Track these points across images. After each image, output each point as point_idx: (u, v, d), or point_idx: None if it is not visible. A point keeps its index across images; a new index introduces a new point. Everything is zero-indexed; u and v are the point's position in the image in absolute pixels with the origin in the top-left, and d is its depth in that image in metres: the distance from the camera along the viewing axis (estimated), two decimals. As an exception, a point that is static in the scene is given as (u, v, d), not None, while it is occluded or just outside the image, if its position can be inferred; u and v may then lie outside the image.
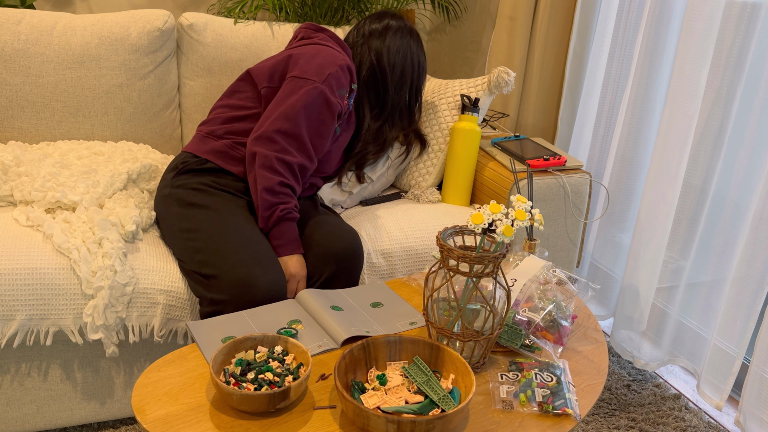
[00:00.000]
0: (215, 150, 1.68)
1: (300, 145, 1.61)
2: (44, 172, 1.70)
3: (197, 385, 1.15)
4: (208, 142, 1.70)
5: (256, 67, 1.76)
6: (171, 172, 1.69)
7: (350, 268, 1.61)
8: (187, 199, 1.61)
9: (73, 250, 1.48)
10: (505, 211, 1.16)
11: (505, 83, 1.96)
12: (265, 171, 1.57)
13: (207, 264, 1.49)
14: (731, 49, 1.72)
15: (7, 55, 1.94)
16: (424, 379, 1.12)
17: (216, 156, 1.68)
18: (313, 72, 1.65)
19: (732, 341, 1.74)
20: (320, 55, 1.69)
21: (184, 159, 1.70)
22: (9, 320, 1.44)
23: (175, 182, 1.65)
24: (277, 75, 1.71)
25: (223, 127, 1.71)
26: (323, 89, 1.63)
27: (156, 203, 1.69)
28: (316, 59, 1.67)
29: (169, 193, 1.64)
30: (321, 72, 1.65)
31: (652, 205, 1.89)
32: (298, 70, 1.66)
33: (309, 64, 1.67)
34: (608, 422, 1.80)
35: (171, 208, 1.62)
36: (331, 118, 1.66)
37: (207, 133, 1.73)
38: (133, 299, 1.50)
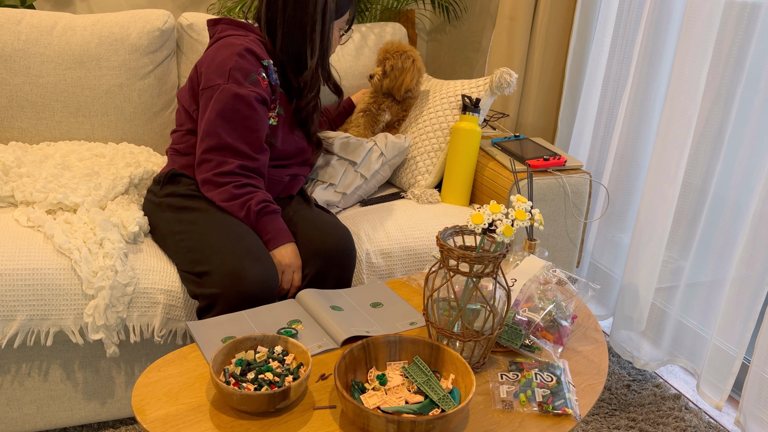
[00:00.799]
0: (187, 165, 1.70)
1: (231, 151, 1.58)
2: (46, 173, 1.70)
3: (197, 385, 1.15)
4: (177, 160, 1.72)
5: (181, 91, 1.75)
6: (156, 185, 1.71)
7: (341, 266, 1.60)
8: (178, 203, 1.62)
9: (74, 251, 1.48)
10: (505, 211, 1.16)
11: (507, 84, 1.96)
12: (214, 190, 1.57)
13: (199, 262, 1.50)
14: (731, 49, 1.72)
15: (7, 55, 1.94)
16: (424, 379, 1.12)
17: (190, 170, 1.69)
18: (215, 75, 1.60)
19: (732, 341, 1.74)
20: (219, 52, 1.63)
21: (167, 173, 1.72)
22: (10, 320, 1.44)
23: (164, 191, 1.67)
24: (192, 95, 1.70)
25: (184, 145, 1.72)
26: (229, 87, 1.58)
27: (147, 212, 1.71)
28: (216, 60, 1.62)
29: (158, 201, 1.67)
30: (222, 71, 1.59)
31: (652, 205, 1.89)
32: (204, 80, 1.63)
33: (210, 69, 1.61)
34: (608, 422, 1.80)
35: (163, 213, 1.64)
36: (250, 110, 1.59)
37: (173, 152, 1.75)
38: (134, 299, 1.50)
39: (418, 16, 3.03)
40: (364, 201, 1.95)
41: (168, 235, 1.60)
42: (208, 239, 1.52)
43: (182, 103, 1.73)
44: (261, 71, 1.64)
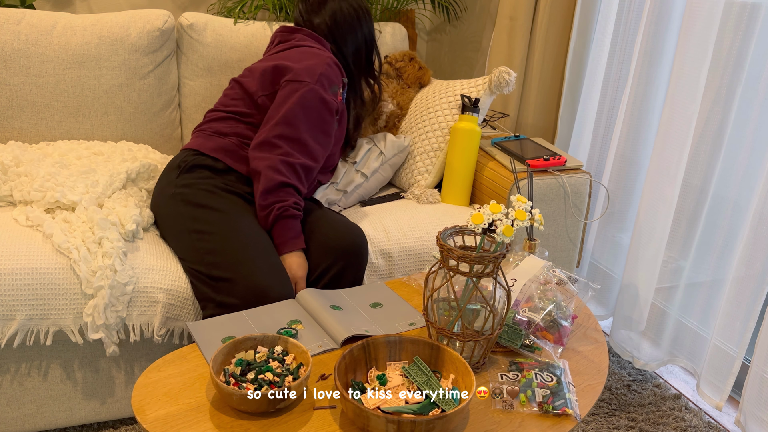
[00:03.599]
0: (223, 147, 1.68)
1: (302, 148, 1.62)
2: (43, 172, 1.70)
3: (197, 385, 1.15)
4: (213, 139, 1.70)
5: (244, 75, 1.77)
6: (173, 171, 1.67)
7: (357, 264, 1.61)
8: (196, 199, 1.60)
9: (73, 250, 1.48)
10: (505, 211, 1.16)
11: (506, 83, 1.96)
12: (269, 172, 1.58)
13: (219, 266, 1.50)
14: (731, 49, 1.72)
15: (7, 55, 1.94)
16: (424, 379, 1.12)
17: (224, 154, 1.67)
18: (305, 74, 1.66)
19: (732, 341, 1.74)
20: (306, 56, 1.71)
21: (185, 157, 1.69)
22: (9, 320, 1.44)
23: (180, 181, 1.64)
24: (268, 81, 1.72)
25: (227, 126, 1.71)
26: (317, 89, 1.64)
27: (157, 202, 1.68)
28: (305, 61, 1.69)
29: (173, 192, 1.63)
30: (312, 72, 1.66)
31: (652, 204, 1.89)
32: (291, 73, 1.67)
33: (299, 66, 1.68)
34: (608, 422, 1.80)
35: (177, 207, 1.61)
36: (330, 116, 1.67)
37: (213, 131, 1.72)
38: (134, 298, 1.50)
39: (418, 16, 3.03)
40: (364, 201, 1.95)
41: (183, 233, 1.58)
42: (232, 246, 1.51)
43: (246, 87, 1.73)
44: (340, 86, 1.73)
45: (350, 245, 1.60)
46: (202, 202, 1.59)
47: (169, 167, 1.71)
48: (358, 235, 1.62)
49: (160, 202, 1.67)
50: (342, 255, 1.59)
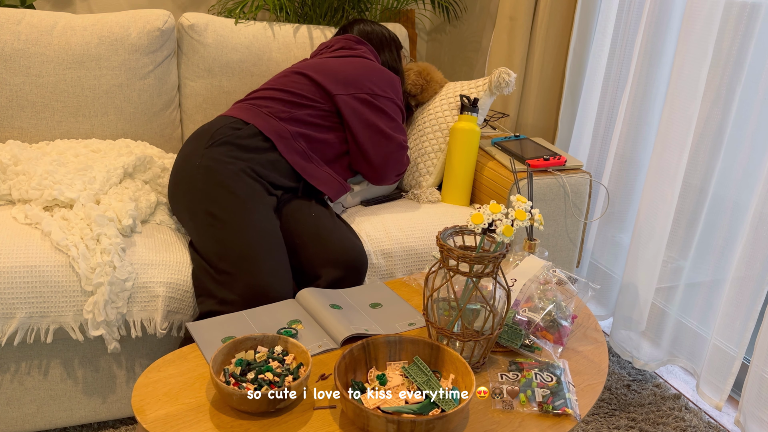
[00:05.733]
0: (277, 131, 1.69)
1: None
2: (41, 170, 1.69)
3: (197, 385, 1.15)
4: (268, 120, 1.70)
5: (313, 70, 1.82)
6: (204, 138, 1.66)
7: (354, 279, 1.63)
8: (218, 178, 1.59)
9: (72, 247, 1.48)
10: (505, 211, 1.16)
11: (506, 84, 1.96)
12: None
13: (225, 258, 1.51)
14: (731, 49, 1.72)
15: (7, 55, 1.94)
16: (424, 379, 1.12)
17: (278, 138, 1.68)
18: (389, 89, 1.85)
19: (732, 341, 1.74)
20: (377, 70, 1.87)
21: (223, 128, 1.67)
22: (9, 318, 1.44)
23: (209, 153, 1.62)
24: (350, 85, 1.80)
25: (286, 111, 1.74)
26: (400, 105, 1.88)
27: (180, 166, 1.66)
28: (377, 74, 1.86)
29: (199, 163, 1.62)
30: (394, 88, 1.87)
31: (652, 204, 1.89)
32: (377, 87, 1.83)
33: (381, 81, 1.85)
34: (608, 422, 1.80)
35: (197, 180, 1.60)
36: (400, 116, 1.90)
37: (269, 112, 1.73)
38: (134, 294, 1.50)
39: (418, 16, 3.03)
40: (365, 201, 1.95)
41: (198, 211, 1.58)
42: (241, 240, 1.52)
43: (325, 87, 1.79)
44: None
45: (352, 260, 1.61)
46: (225, 182, 1.58)
47: (200, 134, 1.69)
48: (361, 252, 1.64)
49: (184, 167, 1.65)
50: (343, 267, 1.60)
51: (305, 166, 1.74)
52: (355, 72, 1.83)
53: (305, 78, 1.81)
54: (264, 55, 2.18)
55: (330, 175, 1.78)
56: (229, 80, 2.16)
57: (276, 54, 2.19)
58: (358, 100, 1.79)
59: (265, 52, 2.18)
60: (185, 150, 1.69)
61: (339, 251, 1.61)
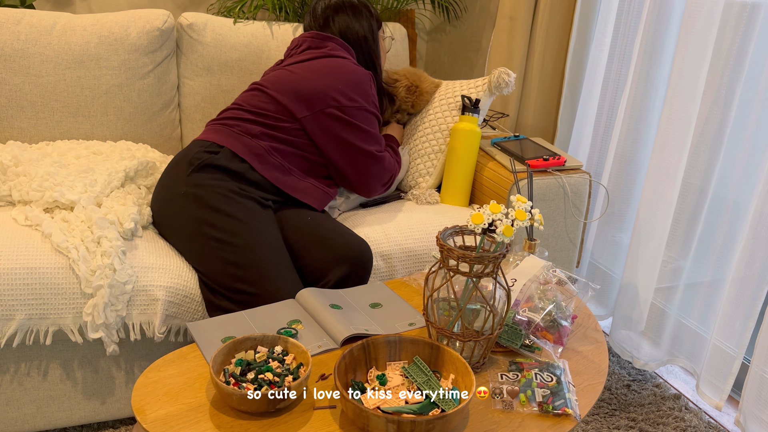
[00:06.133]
0: (251, 150, 1.66)
1: None
2: (42, 171, 1.69)
3: (197, 385, 1.15)
4: (240, 140, 1.67)
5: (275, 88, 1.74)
6: (184, 167, 1.63)
7: (361, 275, 1.62)
8: (211, 202, 1.57)
9: (72, 249, 1.48)
10: (505, 211, 1.16)
11: (505, 84, 1.95)
12: None
13: (243, 280, 1.50)
14: (730, 49, 1.72)
15: (6, 55, 1.94)
16: (424, 379, 1.12)
17: (253, 157, 1.65)
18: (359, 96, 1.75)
19: (732, 341, 1.74)
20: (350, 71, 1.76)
21: (199, 153, 1.64)
22: (8, 320, 1.44)
23: (193, 180, 1.60)
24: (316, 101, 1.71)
25: (257, 128, 1.69)
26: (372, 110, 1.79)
27: (163, 198, 1.64)
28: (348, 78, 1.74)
29: (185, 191, 1.59)
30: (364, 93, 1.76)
31: (652, 204, 1.89)
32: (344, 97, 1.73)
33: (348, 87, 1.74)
34: (608, 422, 1.80)
35: (189, 208, 1.58)
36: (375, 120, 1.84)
37: (241, 131, 1.69)
38: (133, 297, 1.50)
39: (418, 16, 3.03)
40: (363, 203, 1.95)
41: (198, 237, 1.55)
42: (258, 260, 1.51)
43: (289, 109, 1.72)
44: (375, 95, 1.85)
45: (358, 255, 1.61)
46: (218, 206, 1.56)
47: (178, 162, 1.66)
48: (366, 247, 1.64)
49: (167, 198, 1.62)
50: (350, 263, 1.60)
51: (285, 180, 1.70)
52: (319, 82, 1.73)
53: (268, 97, 1.74)
54: (263, 54, 2.18)
55: (312, 186, 1.75)
56: (227, 79, 2.16)
57: (274, 53, 2.19)
58: (326, 116, 1.71)
59: (263, 51, 2.18)
60: (165, 180, 1.66)
61: (344, 248, 1.60)
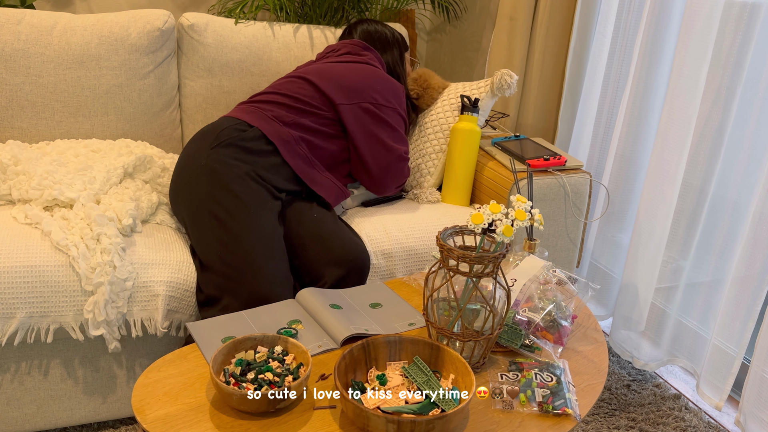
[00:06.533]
0: (280, 135, 1.69)
1: None
2: (41, 170, 1.70)
3: (197, 385, 1.15)
4: (272, 124, 1.70)
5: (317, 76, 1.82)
6: (209, 137, 1.65)
7: (357, 279, 1.63)
8: (224, 179, 1.58)
9: (72, 247, 1.48)
10: (505, 211, 1.16)
11: (507, 86, 1.96)
12: None
13: (228, 263, 1.51)
14: (730, 49, 1.72)
15: (7, 55, 1.94)
16: (424, 379, 1.12)
17: (281, 142, 1.68)
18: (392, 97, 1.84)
19: (732, 341, 1.74)
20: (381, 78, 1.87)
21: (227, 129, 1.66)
22: (9, 318, 1.44)
23: (214, 154, 1.61)
24: (354, 94, 1.79)
25: (289, 116, 1.73)
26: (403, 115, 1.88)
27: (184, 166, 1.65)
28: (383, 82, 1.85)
29: (204, 163, 1.61)
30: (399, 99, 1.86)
31: (652, 204, 1.89)
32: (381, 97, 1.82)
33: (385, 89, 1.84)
34: (608, 422, 1.80)
35: (202, 182, 1.59)
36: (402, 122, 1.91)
37: (273, 116, 1.73)
38: (134, 294, 1.50)
39: (418, 16, 3.03)
40: (365, 201, 1.95)
41: (203, 213, 1.57)
42: (244, 245, 1.52)
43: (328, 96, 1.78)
44: None
45: (354, 260, 1.62)
46: (230, 185, 1.58)
47: (205, 134, 1.68)
48: (364, 252, 1.65)
49: (187, 167, 1.64)
50: (346, 266, 1.61)
51: (307, 170, 1.74)
52: (360, 80, 1.82)
53: (309, 84, 1.81)
54: (264, 55, 2.18)
55: (331, 181, 1.79)
56: (228, 80, 2.16)
57: (276, 54, 2.20)
58: (361, 110, 1.79)
59: (264, 52, 2.18)
60: (189, 149, 1.68)
61: (341, 250, 1.61)
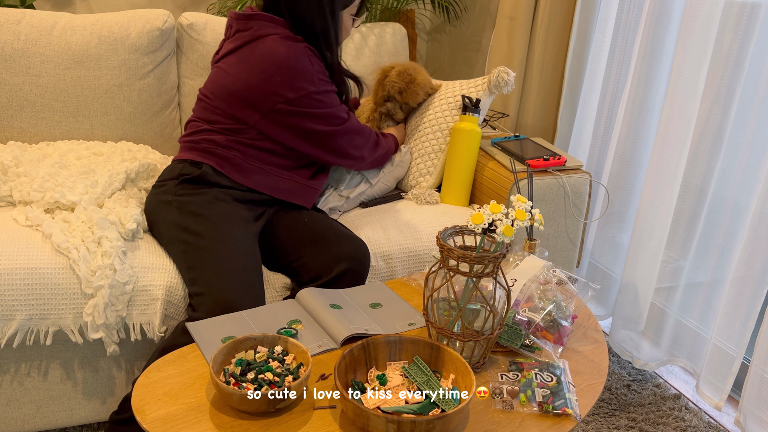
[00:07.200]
0: (228, 161, 1.65)
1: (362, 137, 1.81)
2: (43, 172, 1.70)
3: (197, 385, 1.15)
4: (213, 151, 1.66)
5: (217, 96, 1.67)
6: (173, 180, 1.65)
7: (357, 274, 1.62)
8: (191, 208, 1.59)
9: (72, 250, 1.48)
10: (505, 211, 1.16)
11: (505, 83, 1.95)
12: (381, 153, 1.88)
13: (196, 282, 1.50)
14: (730, 49, 1.72)
15: (7, 55, 1.94)
16: (424, 379, 1.12)
17: (230, 168, 1.65)
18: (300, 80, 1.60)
19: (731, 341, 1.75)
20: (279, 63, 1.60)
21: (186, 169, 1.65)
22: (9, 320, 1.44)
23: (180, 190, 1.62)
24: (261, 101, 1.62)
25: (223, 138, 1.67)
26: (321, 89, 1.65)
27: (151, 206, 1.67)
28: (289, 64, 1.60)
29: (170, 199, 1.62)
30: (305, 75, 1.61)
31: (652, 204, 1.89)
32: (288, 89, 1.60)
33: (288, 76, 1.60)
34: (608, 422, 1.80)
35: (171, 214, 1.60)
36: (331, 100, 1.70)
37: (211, 143, 1.67)
38: (134, 297, 1.50)
39: (418, 16, 3.03)
40: (363, 203, 1.95)
41: (172, 241, 1.58)
42: (212, 259, 1.51)
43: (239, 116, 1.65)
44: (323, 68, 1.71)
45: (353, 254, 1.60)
46: (198, 210, 1.58)
47: (166, 175, 1.68)
48: (362, 245, 1.64)
49: (155, 207, 1.65)
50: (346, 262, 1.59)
51: (267, 182, 1.68)
52: (257, 81, 1.61)
53: (215, 108, 1.67)
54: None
55: (295, 182, 1.73)
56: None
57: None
58: (276, 113, 1.63)
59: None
60: (155, 191, 1.68)
61: (339, 245, 1.60)
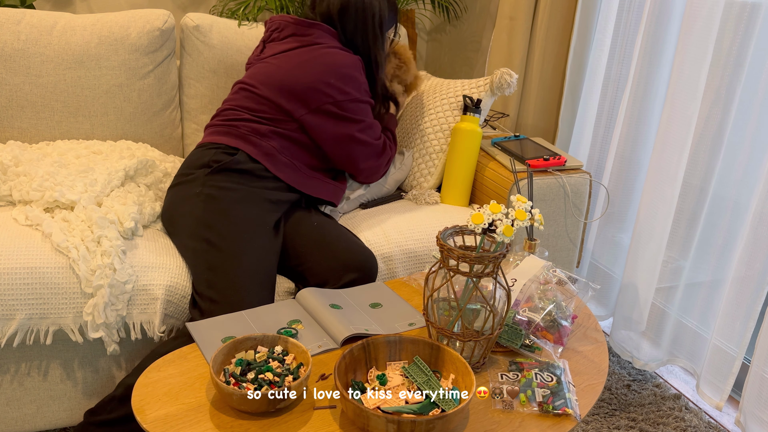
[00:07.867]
0: (263, 151, 1.66)
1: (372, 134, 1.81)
2: (42, 171, 1.70)
3: (197, 385, 1.15)
4: (251, 140, 1.66)
5: (265, 86, 1.70)
6: (202, 168, 1.63)
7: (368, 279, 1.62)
8: (220, 205, 1.57)
9: (72, 249, 1.48)
10: (505, 211, 1.16)
11: (507, 85, 1.95)
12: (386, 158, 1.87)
13: (213, 286, 1.49)
14: (731, 49, 1.72)
15: (7, 55, 1.94)
16: (424, 379, 1.12)
17: (266, 158, 1.66)
18: (350, 86, 1.70)
19: (732, 341, 1.74)
20: (336, 67, 1.69)
21: (216, 156, 1.63)
22: (9, 320, 1.44)
23: (210, 181, 1.60)
24: (310, 98, 1.68)
25: (263, 127, 1.68)
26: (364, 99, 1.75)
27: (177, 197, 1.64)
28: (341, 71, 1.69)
29: (199, 191, 1.60)
30: (355, 82, 1.71)
31: (652, 204, 1.89)
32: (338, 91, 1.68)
33: (339, 79, 1.69)
34: (608, 422, 1.80)
35: (197, 208, 1.58)
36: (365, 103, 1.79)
37: (249, 131, 1.68)
38: (134, 297, 1.50)
39: (418, 16, 3.03)
40: (364, 204, 1.95)
41: (194, 237, 1.56)
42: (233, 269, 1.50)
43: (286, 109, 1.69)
44: None
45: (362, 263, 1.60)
46: (227, 210, 1.57)
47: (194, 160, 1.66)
48: (371, 256, 1.64)
49: (182, 195, 1.63)
50: (354, 270, 1.59)
51: (295, 177, 1.71)
52: (310, 77, 1.68)
53: (261, 98, 1.71)
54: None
55: (321, 181, 1.76)
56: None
57: (276, 54, 2.19)
58: (323, 113, 1.69)
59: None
60: (181, 181, 1.66)
61: (346, 254, 1.60)
